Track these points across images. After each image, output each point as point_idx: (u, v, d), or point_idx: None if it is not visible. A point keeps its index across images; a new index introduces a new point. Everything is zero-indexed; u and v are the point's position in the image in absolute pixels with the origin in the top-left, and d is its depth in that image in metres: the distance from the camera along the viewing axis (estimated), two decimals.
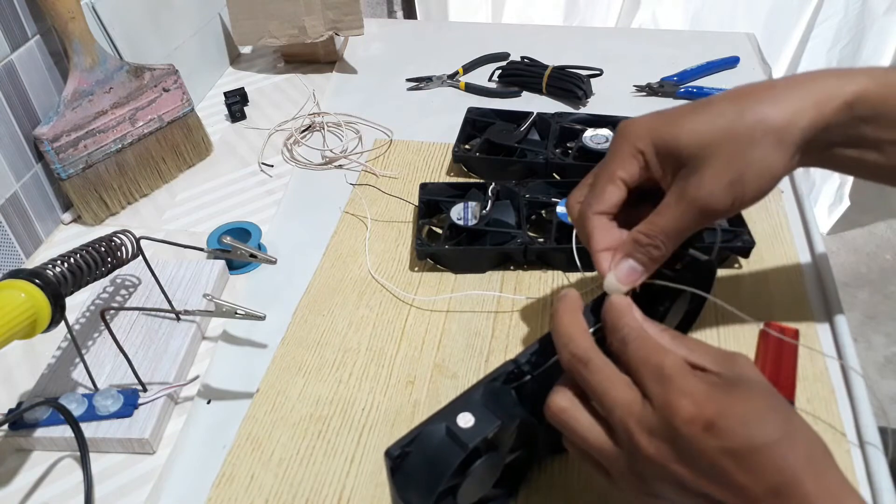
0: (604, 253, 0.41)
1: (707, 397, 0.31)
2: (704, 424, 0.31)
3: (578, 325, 0.37)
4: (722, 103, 0.39)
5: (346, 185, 0.72)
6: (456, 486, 0.38)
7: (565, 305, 0.38)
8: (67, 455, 0.49)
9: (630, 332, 0.36)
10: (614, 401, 0.34)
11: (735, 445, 0.30)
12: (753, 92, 0.39)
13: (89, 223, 0.69)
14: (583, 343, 0.36)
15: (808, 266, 0.60)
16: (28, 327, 0.42)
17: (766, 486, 0.30)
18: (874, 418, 0.48)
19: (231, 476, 0.47)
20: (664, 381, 0.33)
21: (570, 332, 0.36)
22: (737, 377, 0.33)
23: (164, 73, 0.71)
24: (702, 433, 0.31)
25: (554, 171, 0.69)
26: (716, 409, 0.31)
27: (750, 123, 0.37)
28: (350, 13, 0.86)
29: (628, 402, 0.33)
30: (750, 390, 0.32)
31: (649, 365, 0.34)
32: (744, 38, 0.96)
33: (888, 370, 1.58)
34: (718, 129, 0.38)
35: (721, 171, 0.37)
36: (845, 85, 0.38)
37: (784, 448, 0.30)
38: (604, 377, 0.34)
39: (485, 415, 0.38)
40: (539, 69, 0.85)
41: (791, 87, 0.38)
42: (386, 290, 0.60)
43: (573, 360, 0.35)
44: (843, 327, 0.54)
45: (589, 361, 0.35)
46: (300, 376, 0.53)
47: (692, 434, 0.31)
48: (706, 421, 0.31)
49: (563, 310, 0.38)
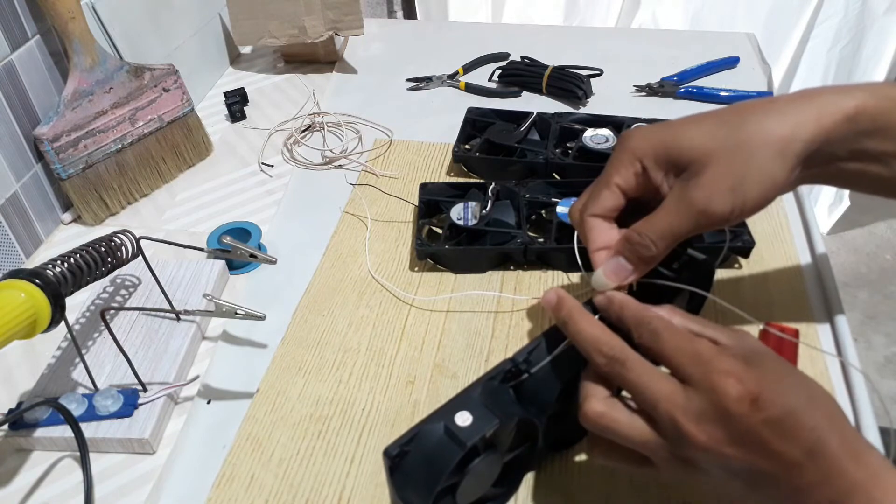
0: (599, 252, 0.42)
1: (745, 373, 0.33)
2: (751, 399, 0.32)
3: (601, 326, 0.38)
4: (724, 115, 0.40)
5: (346, 185, 0.72)
6: (455, 485, 0.38)
7: (576, 311, 0.39)
8: (67, 455, 0.49)
9: (659, 323, 0.36)
10: (657, 394, 0.34)
11: (774, 415, 0.31)
12: (755, 106, 0.40)
13: (89, 223, 0.69)
14: (616, 343, 0.36)
15: (808, 266, 0.60)
16: (28, 327, 0.42)
17: (801, 448, 0.31)
18: (874, 418, 0.48)
19: (231, 476, 0.47)
20: (704, 364, 0.33)
21: (598, 335, 0.37)
22: (751, 350, 0.35)
23: (164, 73, 0.72)
24: (749, 408, 0.32)
25: (554, 171, 0.69)
26: (757, 383, 0.32)
27: (752, 133, 0.38)
28: (350, 13, 0.86)
29: (671, 393, 0.34)
30: (769, 361, 0.34)
31: (686, 352, 0.34)
32: (744, 38, 0.96)
33: (888, 370, 1.58)
34: (721, 137, 0.38)
35: (722, 176, 0.38)
36: (845, 100, 0.39)
37: (810, 411, 0.32)
38: (642, 373, 0.35)
39: (483, 413, 0.38)
40: (539, 69, 0.85)
41: (792, 101, 0.39)
42: (386, 290, 0.60)
43: (611, 361, 0.36)
44: (844, 327, 0.54)
45: (626, 360, 0.35)
46: (300, 376, 0.53)
47: (742, 411, 0.32)
48: (752, 395, 0.32)
49: (576, 315, 0.38)
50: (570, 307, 0.39)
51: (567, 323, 0.39)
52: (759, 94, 0.82)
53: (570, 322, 0.38)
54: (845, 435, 0.32)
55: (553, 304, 0.40)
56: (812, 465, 0.31)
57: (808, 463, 0.31)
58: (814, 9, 1.54)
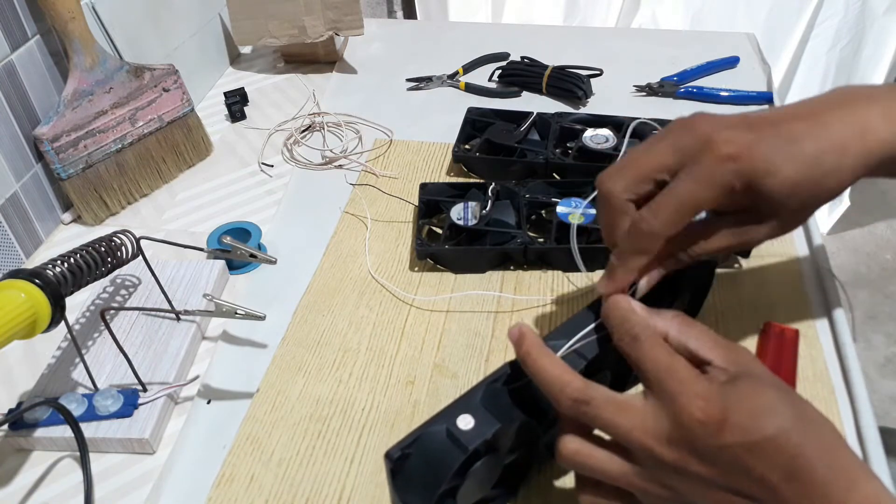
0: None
1: (717, 397, 0.32)
2: (717, 424, 0.31)
3: (562, 366, 0.37)
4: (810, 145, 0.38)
5: (346, 185, 0.72)
6: (456, 488, 0.38)
7: (536, 351, 0.37)
8: (67, 455, 0.49)
9: (642, 330, 0.36)
10: (628, 428, 0.33)
11: (749, 439, 0.31)
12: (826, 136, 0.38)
13: (89, 223, 0.69)
14: (577, 384, 0.35)
15: (808, 266, 0.60)
16: (28, 327, 0.42)
17: (781, 472, 0.31)
18: (874, 418, 0.48)
19: (231, 476, 0.47)
20: (676, 382, 0.33)
21: (559, 377, 0.36)
22: (743, 371, 0.34)
23: (164, 73, 0.71)
24: (716, 432, 0.31)
25: (554, 171, 0.69)
26: (726, 408, 0.32)
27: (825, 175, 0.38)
28: (350, 13, 0.86)
29: (640, 422, 0.33)
30: (757, 383, 0.33)
31: (661, 365, 0.34)
32: (744, 38, 0.96)
33: (888, 370, 1.58)
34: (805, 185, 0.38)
35: (781, 226, 0.40)
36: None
37: (794, 435, 0.31)
38: (609, 409, 0.34)
39: (485, 417, 0.38)
40: (539, 69, 0.85)
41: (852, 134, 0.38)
42: (386, 290, 0.60)
43: (575, 404, 0.35)
44: (844, 327, 0.54)
45: (591, 399, 0.35)
46: (300, 376, 0.53)
47: (707, 434, 0.31)
48: (718, 419, 0.31)
49: (537, 355, 0.37)
50: (530, 344, 0.37)
51: (526, 361, 0.37)
52: (758, 95, 0.82)
53: (529, 360, 0.37)
54: (838, 462, 0.31)
55: (515, 339, 0.38)
56: (790, 489, 0.31)
57: (786, 487, 0.31)
58: (814, 9, 1.54)
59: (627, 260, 0.40)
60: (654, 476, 0.34)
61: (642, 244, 0.39)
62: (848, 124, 0.38)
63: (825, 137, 0.38)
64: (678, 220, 0.38)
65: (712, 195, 0.37)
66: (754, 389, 0.33)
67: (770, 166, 0.37)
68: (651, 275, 0.41)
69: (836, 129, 0.38)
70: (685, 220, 0.38)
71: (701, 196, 0.37)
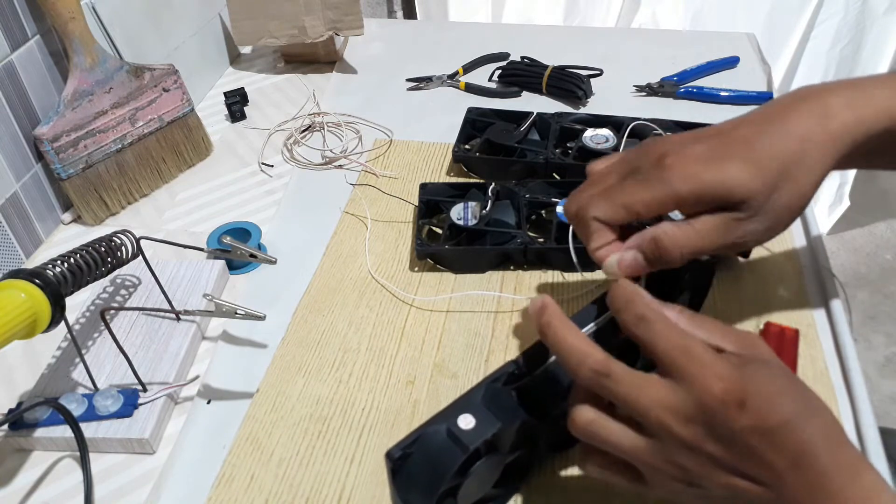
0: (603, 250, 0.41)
1: (736, 378, 0.32)
2: (737, 403, 0.32)
3: (583, 338, 0.36)
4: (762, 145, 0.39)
5: (346, 185, 0.72)
6: (457, 487, 0.38)
7: (558, 321, 0.37)
8: (67, 455, 0.49)
9: (649, 311, 0.36)
10: (648, 403, 0.33)
11: (763, 423, 0.31)
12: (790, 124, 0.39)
13: (89, 223, 0.69)
14: (598, 355, 0.35)
15: (808, 266, 0.60)
16: (28, 327, 0.42)
17: (787, 459, 0.31)
18: (874, 418, 0.48)
19: (231, 476, 0.47)
20: (695, 363, 0.33)
21: (581, 348, 0.36)
22: (755, 358, 0.34)
23: (164, 73, 0.71)
24: (735, 412, 0.31)
25: (554, 171, 0.69)
26: (745, 389, 0.32)
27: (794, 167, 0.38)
28: (350, 13, 0.86)
29: (660, 398, 0.33)
30: (770, 369, 0.34)
31: (675, 346, 0.34)
32: (744, 38, 0.96)
33: (888, 370, 1.58)
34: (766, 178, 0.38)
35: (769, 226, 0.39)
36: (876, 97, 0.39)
37: (803, 423, 0.32)
38: (629, 383, 0.34)
39: (485, 416, 0.38)
40: (539, 69, 0.85)
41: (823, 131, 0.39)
42: (386, 290, 0.60)
43: (595, 375, 0.35)
44: (843, 327, 0.54)
45: (611, 372, 0.34)
46: (300, 376, 0.53)
47: (726, 414, 0.32)
48: (738, 400, 0.32)
49: (558, 326, 0.37)
50: (552, 314, 0.37)
51: (546, 332, 0.37)
52: (758, 95, 0.82)
53: (552, 334, 0.37)
54: (841, 451, 0.32)
55: (537, 309, 0.38)
56: (796, 477, 0.31)
57: (792, 474, 0.31)
58: (814, 9, 1.54)
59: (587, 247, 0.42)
60: (665, 453, 0.34)
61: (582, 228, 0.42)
62: (808, 115, 0.39)
63: (783, 132, 0.39)
64: (606, 209, 0.40)
65: (644, 200, 0.39)
66: (769, 374, 0.33)
67: (715, 178, 0.38)
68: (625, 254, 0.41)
69: (796, 122, 0.39)
70: (612, 212, 0.40)
71: (633, 197, 0.40)
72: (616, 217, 0.40)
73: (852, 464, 0.32)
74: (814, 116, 0.39)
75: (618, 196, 0.40)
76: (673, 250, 0.39)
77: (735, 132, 0.40)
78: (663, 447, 0.34)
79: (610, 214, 0.40)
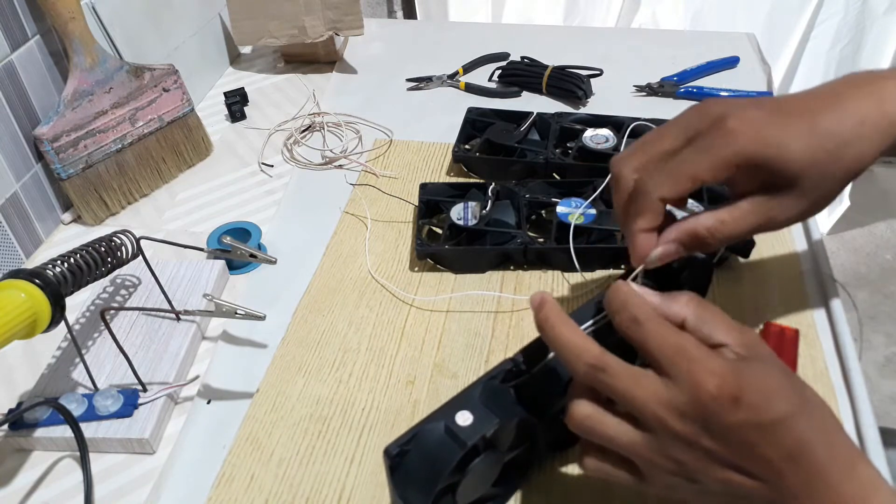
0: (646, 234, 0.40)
1: (731, 375, 0.32)
2: (731, 399, 0.32)
3: (580, 333, 0.37)
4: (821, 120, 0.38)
5: (346, 185, 0.72)
6: (455, 485, 0.38)
7: (555, 316, 0.37)
8: (67, 455, 0.49)
9: (641, 312, 0.36)
10: (644, 397, 0.34)
11: (760, 418, 0.31)
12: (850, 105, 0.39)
13: (89, 223, 0.69)
14: (595, 350, 0.35)
15: (808, 266, 0.60)
16: (28, 327, 0.42)
17: (784, 454, 0.31)
18: (874, 418, 0.48)
19: (231, 476, 0.47)
20: (688, 360, 0.33)
21: (578, 343, 0.36)
22: (753, 353, 0.34)
23: (164, 73, 0.72)
24: (729, 408, 0.32)
25: (554, 171, 0.69)
26: (740, 385, 0.32)
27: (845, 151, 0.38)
28: (350, 13, 0.86)
29: (655, 393, 0.33)
30: (767, 366, 0.34)
31: (668, 344, 0.34)
32: (744, 38, 0.96)
33: (888, 370, 1.58)
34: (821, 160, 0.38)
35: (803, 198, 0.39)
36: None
37: (800, 419, 0.32)
38: (625, 378, 0.34)
39: (483, 413, 0.38)
40: (539, 69, 0.85)
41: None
42: (386, 290, 0.60)
43: (591, 370, 0.35)
44: (843, 327, 0.54)
45: (607, 367, 0.35)
46: (300, 376, 0.53)
47: (720, 409, 0.32)
48: (732, 396, 0.32)
49: (555, 321, 0.37)
50: (550, 309, 0.37)
51: (544, 327, 0.37)
52: (758, 95, 0.82)
53: (549, 329, 0.37)
54: (838, 446, 0.32)
55: (536, 304, 0.38)
56: (792, 471, 0.31)
57: (789, 468, 0.31)
58: (814, 9, 1.54)
59: (629, 223, 0.40)
60: (661, 448, 0.34)
61: (638, 203, 0.40)
62: (865, 97, 0.39)
63: (841, 110, 0.38)
64: (672, 186, 0.38)
65: (709, 167, 0.37)
66: (766, 371, 0.33)
67: (776, 142, 0.37)
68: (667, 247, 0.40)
69: (853, 102, 0.39)
70: (680, 186, 0.38)
71: (698, 166, 0.38)
72: (683, 191, 0.39)
73: (849, 458, 0.32)
74: (871, 99, 0.38)
75: (681, 167, 0.38)
76: (712, 241, 0.39)
77: (796, 102, 0.39)
78: (660, 442, 0.34)
79: (678, 190, 0.39)
